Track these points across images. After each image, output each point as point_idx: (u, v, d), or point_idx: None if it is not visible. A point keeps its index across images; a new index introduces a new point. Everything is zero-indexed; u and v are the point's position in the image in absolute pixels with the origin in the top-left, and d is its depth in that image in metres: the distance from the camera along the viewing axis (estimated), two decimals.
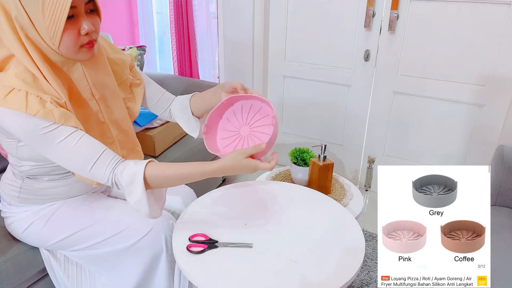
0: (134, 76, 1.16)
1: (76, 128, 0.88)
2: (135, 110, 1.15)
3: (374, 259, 1.69)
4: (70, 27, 0.85)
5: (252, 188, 1.30)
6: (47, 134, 0.86)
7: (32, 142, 0.88)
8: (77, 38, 0.87)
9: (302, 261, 0.95)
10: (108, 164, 0.90)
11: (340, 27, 2.00)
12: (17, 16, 0.83)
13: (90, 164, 0.89)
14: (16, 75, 0.85)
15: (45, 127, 0.85)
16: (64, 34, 0.84)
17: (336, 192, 1.46)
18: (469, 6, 1.70)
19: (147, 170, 0.90)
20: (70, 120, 0.87)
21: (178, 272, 1.12)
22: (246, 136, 1.11)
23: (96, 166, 0.89)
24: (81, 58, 0.92)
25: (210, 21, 2.59)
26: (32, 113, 0.82)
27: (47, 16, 0.81)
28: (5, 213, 1.11)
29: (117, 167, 0.90)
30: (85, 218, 1.07)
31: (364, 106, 2.10)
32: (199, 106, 1.20)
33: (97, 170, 0.90)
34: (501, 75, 1.74)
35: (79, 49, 0.89)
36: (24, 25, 0.84)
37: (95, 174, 0.90)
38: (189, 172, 0.93)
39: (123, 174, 0.90)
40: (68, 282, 1.14)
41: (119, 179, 0.90)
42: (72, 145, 0.88)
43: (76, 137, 0.88)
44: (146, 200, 0.90)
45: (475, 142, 1.90)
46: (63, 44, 0.86)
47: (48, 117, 0.84)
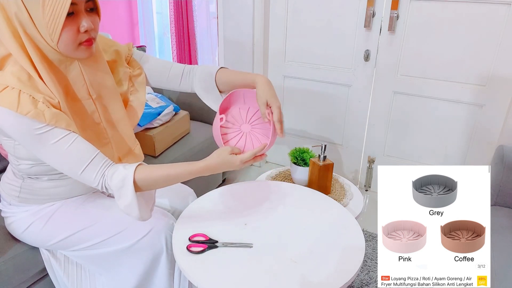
0: (133, 66, 1.14)
1: (69, 131, 0.89)
2: (141, 101, 1.13)
3: (374, 259, 1.69)
4: (70, 24, 0.85)
5: (252, 188, 1.30)
6: (40, 135, 0.86)
7: (24, 141, 0.88)
8: (76, 36, 0.87)
9: (302, 261, 0.95)
10: (99, 169, 0.91)
11: (340, 27, 2.00)
12: (17, 12, 0.83)
13: (81, 168, 0.90)
14: (12, 73, 0.85)
15: (39, 128, 0.85)
16: (63, 31, 0.84)
17: (336, 192, 1.46)
18: (469, 6, 1.70)
19: (136, 173, 0.92)
20: (61, 121, 0.87)
21: (178, 272, 1.12)
22: (247, 133, 1.13)
23: (86, 170, 0.90)
24: (79, 56, 0.92)
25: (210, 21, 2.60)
26: (23, 113, 0.82)
27: (47, 12, 0.81)
28: (5, 213, 1.11)
29: (107, 171, 0.92)
30: (85, 218, 1.07)
31: (364, 106, 2.10)
32: (225, 84, 1.15)
33: (87, 174, 0.91)
34: (501, 75, 1.74)
35: (78, 46, 0.89)
36: (24, 21, 0.84)
37: (85, 178, 0.92)
38: (176, 173, 0.96)
39: (113, 178, 0.91)
40: (68, 282, 1.14)
41: (109, 183, 0.91)
42: (65, 148, 0.88)
43: (69, 140, 0.88)
44: (136, 203, 0.92)
45: (475, 142, 1.90)
46: (62, 41, 0.86)
47: (39, 118, 0.84)
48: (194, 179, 0.98)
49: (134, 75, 1.14)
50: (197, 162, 0.97)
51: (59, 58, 0.91)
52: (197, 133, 1.94)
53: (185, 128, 1.91)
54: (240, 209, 1.16)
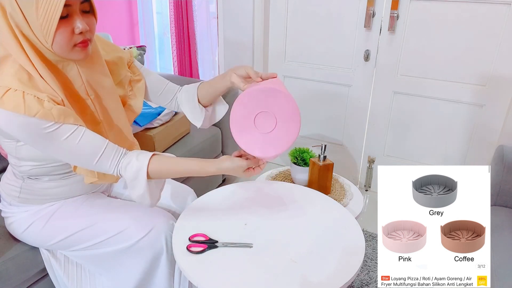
0: (134, 72, 1.14)
1: (77, 125, 0.90)
2: (138, 107, 1.14)
3: (374, 259, 1.69)
4: (64, 25, 0.84)
5: (252, 188, 1.30)
6: (50, 133, 0.87)
7: (33, 141, 0.88)
8: (70, 37, 0.86)
9: (302, 261, 0.95)
10: (112, 158, 0.95)
11: (340, 27, 2.00)
12: (12, 13, 0.83)
13: (95, 159, 0.93)
14: (11, 74, 0.85)
15: (47, 126, 0.86)
16: (57, 33, 0.84)
17: (336, 192, 1.46)
18: (469, 6, 1.70)
19: (150, 166, 0.96)
20: (69, 117, 0.88)
21: (178, 272, 1.12)
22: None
23: (100, 161, 0.94)
24: (75, 58, 0.91)
25: (210, 21, 2.59)
26: (32, 114, 0.82)
27: (40, 13, 0.81)
28: (5, 213, 1.11)
29: (121, 162, 0.96)
30: (85, 218, 1.07)
31: (364, 106, 2.10)
32: (206, 91, 1.16)
33: (102, 164, 0.95)
34: (501, 75, 1.74)
35: (72, 48, 0.88)
36: (19, 22, 0.83)
37: (100, 168, 0.96)
38: (188, 169, 1.01)
39: (127, 170, 0.95)
40: (68, 282, 1.14)
41: (122, 174, 0.96)
42: (76, 142, 0.90)
43: (78, 135, 0.90)
44: (148, 193, 0.97)
45: (475, 142, 1.90)
46: (56, 43, 0.85)
47: (48, 117, 0.84)
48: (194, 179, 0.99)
49: (134, 79, 1.14)
50: (210, 165, 1.00)
51: (56, 58, 0.91)
52: (197, 133, 1.94)
53: (185, 128, 1.91)
54: (240, 209, 1.16)
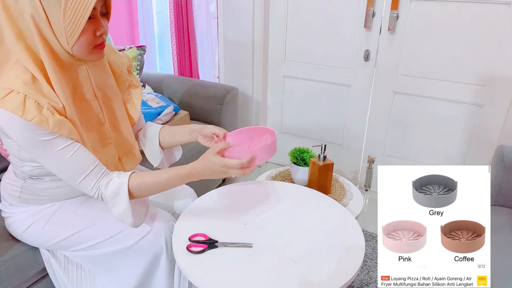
0: (132, 78, 1.16)
1: (72, 140, 0.90)
2: (134, 112, 1.14)
3: (374, 259, 1.69)
4: (88, 27, 0.86)
5: (252, 188, 1.30)
6: (44, 142, 0.87)
7: (27, 146, 0.88)
8: (93, 39, 0.89)
9: (302, 261, 0.95)
10: (96, 180, 0.94)
11: (340, 27, 2.00)
12: (34, 13, 0.83)
13: (80, 177, 0.93)
14: (16, 76, 0.85)
15: (43, 134, 0.86)
16: (81, 35, 0.86)
17: (336, 192, 1.46)
18: (469, 6, 1.70)
19: (130, 181, 0.95)
20: (64, 129, 0.87)
21: (178, 272, 1.12)
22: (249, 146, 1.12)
23: (85, 180, 0.94)
24: (92, 59, 0.93)
25: (210, 21, 2.59)
26: (28, 118, 0.83)
27: (68, 15, 0.82)
28: (5, 213, 1.11)
29: (102, 181, 0.95)
30: (85, 218, 1.07)
31: (364, 106, 2.11)
32: (169, 139, 1.20)
33: (85, 184, 0.94)
34: (501, 75, 1.74)
35: (92, 49, 0.91)
36: (40, 23, 0.84)
37: (83, 187, 0.95)
38: (166, 178, 0.98)
39: (108, 187, 0.94)
40: (68, 282, 1.14)
41: (103, 192, 0.95)
42: (67, 156, 0.90)
43: (71, 150, 0.90)
44: (130, 210, 0.96)
45: (475, 142, 1.90)
46: (78, 44, 0.87)
47: (43, 125, 0.84)
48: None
49: (132, 84, 1.15)
50: (185, 165, 0.99)
51: (70, 60, 0.92)
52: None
53: None
54: (240, 209, 1.16)
